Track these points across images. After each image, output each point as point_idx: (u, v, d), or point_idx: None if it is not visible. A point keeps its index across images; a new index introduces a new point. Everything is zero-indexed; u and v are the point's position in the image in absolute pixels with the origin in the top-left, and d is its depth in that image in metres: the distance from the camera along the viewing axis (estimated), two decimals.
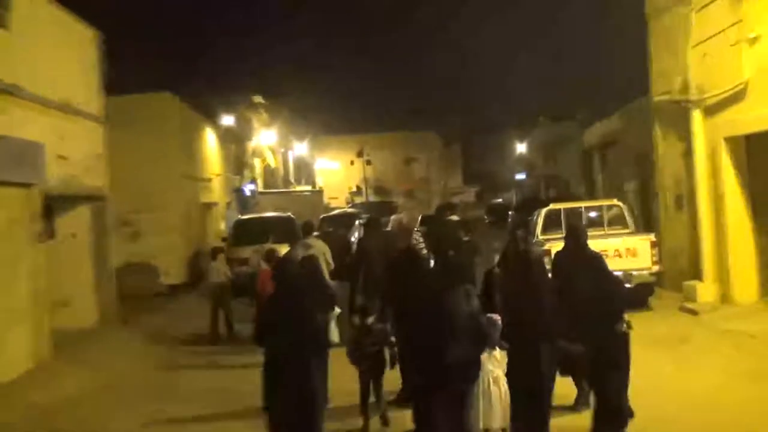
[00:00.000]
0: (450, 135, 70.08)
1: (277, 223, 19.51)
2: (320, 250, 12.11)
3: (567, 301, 7.06)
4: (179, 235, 21.44)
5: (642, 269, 14.39)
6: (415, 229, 14.06)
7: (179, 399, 10.52)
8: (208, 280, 14.97)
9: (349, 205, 42.65)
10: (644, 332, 11.84)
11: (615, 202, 16.23)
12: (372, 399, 8.38)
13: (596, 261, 7.75)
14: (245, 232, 19.53)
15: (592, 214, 15.98)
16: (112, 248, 16.36)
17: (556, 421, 7.40)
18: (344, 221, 23.72)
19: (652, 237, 14.70)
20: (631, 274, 14.25)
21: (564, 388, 8.13)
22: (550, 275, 7.69)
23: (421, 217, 17.51)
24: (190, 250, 22.60)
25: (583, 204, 16.40)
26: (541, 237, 15.24)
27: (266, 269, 11.86)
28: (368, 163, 61.26)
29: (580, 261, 7.71)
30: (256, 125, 37.95)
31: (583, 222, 15.30)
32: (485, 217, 43.73)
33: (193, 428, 9.19)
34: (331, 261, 12.24)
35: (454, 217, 15.84)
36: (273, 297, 6.84)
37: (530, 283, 7.22)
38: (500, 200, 56.46)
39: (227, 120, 29.86)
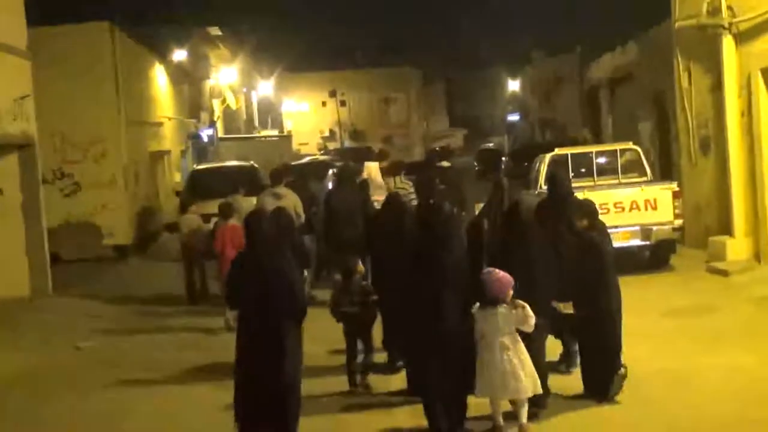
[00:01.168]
0: (432, 72, 69.58)
1: (237, 174, 18.98)
2: (291, 201, 12.14)
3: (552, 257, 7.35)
4: (125, 189, 20.85)
5: (663, 224, 13.91)
6: (401, 178, 13.74)
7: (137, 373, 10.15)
8: (181, 233, 14.84)
9: (321, 152, 42.45)
10: (664, 298, 12.03)
11: (630, 145, 15.70)
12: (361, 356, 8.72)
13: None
14: (201, 186, 19.08)
15: (603, 159, 15.49)
16: (43, 204, 15.64)
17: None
18: (315, 170, 22.98)
19: (674, 186, 14.24)
20: (650, 230, 13.85)
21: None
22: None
23: (409, 164, 16.97)
24: (138, 207, 22.09)
25: (593, 148, 16.01)
26: (545, 187, 14.53)
27: (224, 225, 12.32)
28: (342, 104, 61.12)
29: (563, 213, 7.98)
30: (213, 62, 37.46)
31: (594, 168, 14.94)
32: (474, 164, 43.07)
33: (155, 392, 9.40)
34: (302, 213, 12.37)
35: (446, 164, 16.01)
36: (242, 255, 6.95)
37: (520, 239, 7.53)
38: (491, 145, 55.95)
39: (179, 55, 28.96)
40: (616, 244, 12.17)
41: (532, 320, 6.89)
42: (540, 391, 7.09)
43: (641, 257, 14.59)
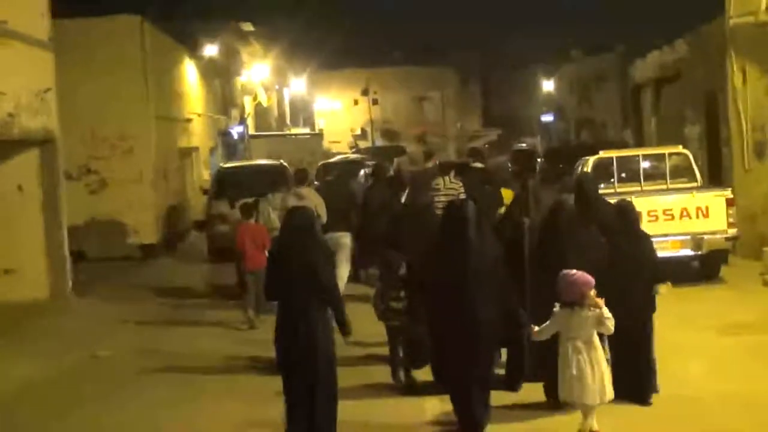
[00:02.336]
0: (467, 71, 68.53)
1: (266, 173, 18.88)
2: (313, 202, 12.12)
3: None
4: (152, 186, 20.51)
5: (715, 233, 13.18)
6: (450, 177, 13.70)
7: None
8: (231, 225, 14.88)
9: (353, 151, 42.15)
10: (718, 313, 11.34)
11: (679, 149, 15.01)
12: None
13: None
14: (228, 184, 18.72)
15: (646, 164, 14.82)
16: (64, 201, 15.18)
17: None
18: (347, 169, 22.90)
19: (728, 193, 13.47)
20: (701, 239, 13.12)
21: None
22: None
23: (450, 164, 16.69)
24: (166, 205, 21.75)
25: (640, 151, 15.35)
26: None
27: (245, 224, 12.48)
28: (374, 102, 60.93)
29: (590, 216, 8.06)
30: (245, 58, 37.38)
31: (641, 173, 14.34)
32: (508, 165, 42.30)
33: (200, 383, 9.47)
34: (323, 214, 12.39)
35: (479, 165, 15.70)
36: (279, 249, 7.20)
37: (558, 242, 7.76)
38: (524, 145, 55.22)
39: (210, 50, 28.84)
40: (664, 253, 11.82)
41: (611, 322, 6.84)
42: (606, 400, 7.03)
43: (690, 268, 13.91)
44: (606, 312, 6.82)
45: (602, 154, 14.79)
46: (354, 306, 8.69)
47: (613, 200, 12.66)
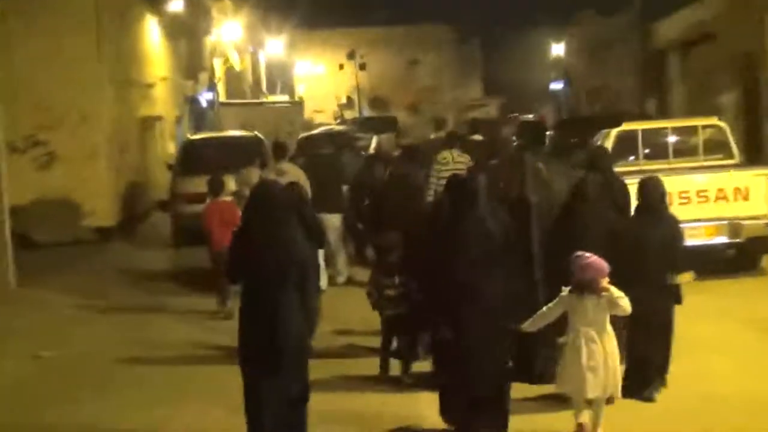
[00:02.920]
0: (466, 31, 69.25)
1: (239, 146, 18.50)
2: (294, 177, 12.23)
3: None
4: (108, 160, 20.38)
5: (756, 217, 12.83)
6: (458, 151, 14.17)
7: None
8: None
9: (338, 121, 43.34)
10: (748, 306, 11.21)
11: (714, 120, 14.70)
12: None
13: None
14: (196, 158, 18.47)
15: (675, 138, 14.52)
16: (6, 178, 14.95)
17: None
18: (331, 142, 22.23)
19: None
20: (740, 225, 12.76)
21: None
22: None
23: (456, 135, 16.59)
24: (125, 182, 21.74)
25: (669, 123, 14.95)
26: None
27: (214, 202, 12.66)
28: (362, 67, 61.55)
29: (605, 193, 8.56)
30: (215, 15, 37.52)
31: (669, 148, 14.16)
32: (514, 138, 42.17)
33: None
34: (308, 191, 12.24)
35: (478, 137, 16.58)
36: (246, 225, 7.05)
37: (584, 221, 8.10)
38: (531, 116, 55.18)
39: (175, 5, 28.69)
40: (696, 241, 11.96)
41: (625, 300, 6.88)
42: (619, 395, 7.21)
43: (724, 257, 13.64)
44: (617, 291, 6.86)
45: (625, 126, 14.49)
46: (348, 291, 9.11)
47: (637, 178, 12.58)
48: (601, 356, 6.92)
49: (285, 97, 45.90)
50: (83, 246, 18.86)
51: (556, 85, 59.62)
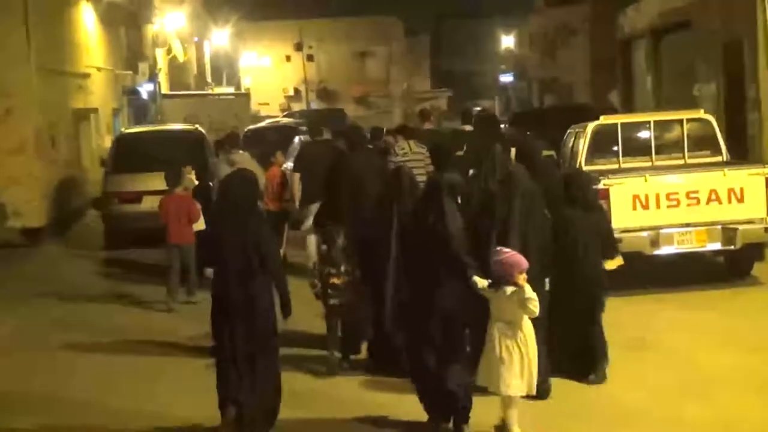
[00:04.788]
0: (415, 23, 69.47)
1: (178, 140, 18.60)
2: (248, 167, 12.06)
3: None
4: (37, 156, 19.60)
5: (752, 221, 11.78)
6: (415, 142, 13.76)
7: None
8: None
9: (284, 114, 42.74)
10: (747, 326, 10.33)
11: (701, 114, 13.67)
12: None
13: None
14: (130, 154, 18.17)
15: (661, 132, 13.42)
16: None
17: None
18: (278, 135, 22.43)
19: (767, 170, 11.96)
20: (735, 230, 11.65)
21: None
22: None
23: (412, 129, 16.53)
24: (56, 179, 21.01)
25: (651, 117, 13.76)
26: (585, 166, 12.85)
27: (170, 195, 12.81)
28: (309, 58, 61.56)
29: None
30: (158, 3, 36.63)
31: (652, 144, 13.02)
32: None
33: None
34: (261, 184, 12.72)
35: (429, 126, 16.50)
36: (216, 216, 7.97)
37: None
38: (479, 108, 55.20)
39: None
40: (688, 248, 11.63)
41: (533, 303, 6.98)
42: (533, 392, 7.23)
43: (712, 264, 12.80)
44: (528, 291, 6.98)
45: (603, 120, 13.49)
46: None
47: (619, 177, 11.77)
48: (516, 352, 7.03)
49: (231, 89, 46.08)
50: (8, 249, 17.99)
51: (506, 77, 60.14)
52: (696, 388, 8.04)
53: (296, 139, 20.94)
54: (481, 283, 7.13)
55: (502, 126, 29.74)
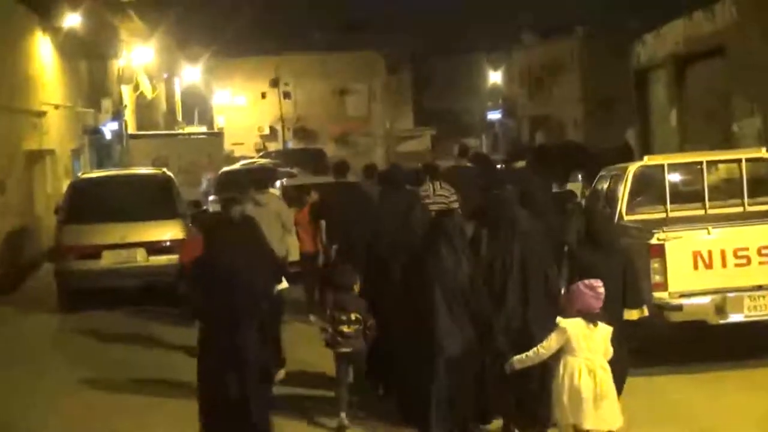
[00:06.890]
0: (398, 58, 68.87)
1: (141, 186, 18.03)
2: (275, 209, 12.79)
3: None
4: None
5: None
6: (440, 183, 13.85)
7: None
8: None
9: (260, 154, 42.41)
10: None
11: (762, 153, 12.23)
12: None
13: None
14: (86, 202, 17.25)
15: (695, 175, 12.10)
16: None
17: None
18: (257, 177, 20.77)
19: None
20: None
21: None
22: None
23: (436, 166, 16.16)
24: (5, 229, 20.71)
25: (703, 156, 12.32)
26: (627, 216, 11.59)
27: (194, 237, 12.93)
28: (286, 96, 61.24)
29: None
30: (124, 36, 36.21)
31: (705, 188, 11.65)
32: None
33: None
34: (290, 224, 13.08)
35: (466, 163, 16.63)
36: (202, 258, 8.26)
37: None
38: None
39: (71, 20, 26.86)
40: (758, 316, 10.03)
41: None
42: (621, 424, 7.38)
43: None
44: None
45: (648, 160, 12.18)
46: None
47: (676, 230, 10.35)
48: (607, 385, 7.16)
49: (203, 129, 46.41)
50: None
51: (494, 114, 60.04)
52: None
53: (277, 184, 20.51)
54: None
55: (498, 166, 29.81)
